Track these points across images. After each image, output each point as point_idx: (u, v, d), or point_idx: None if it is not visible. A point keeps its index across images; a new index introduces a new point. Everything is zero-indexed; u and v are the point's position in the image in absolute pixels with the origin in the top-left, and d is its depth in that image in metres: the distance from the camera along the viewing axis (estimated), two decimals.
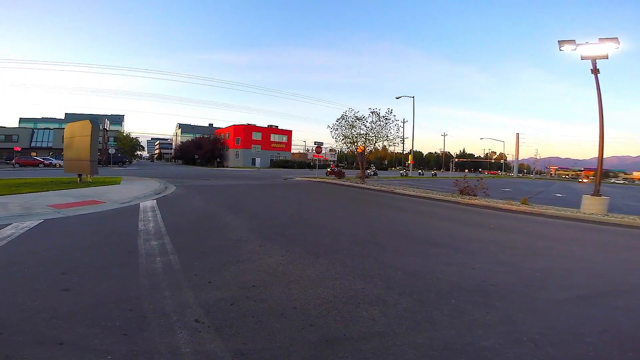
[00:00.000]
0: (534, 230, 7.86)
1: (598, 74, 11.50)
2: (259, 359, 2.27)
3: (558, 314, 3.15)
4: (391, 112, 22.58)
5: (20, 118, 76.72)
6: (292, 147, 77.53)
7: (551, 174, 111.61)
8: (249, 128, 64.57)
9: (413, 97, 43.04)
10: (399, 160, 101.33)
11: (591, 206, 10.79)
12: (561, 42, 11.86)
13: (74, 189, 12.06)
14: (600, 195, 10.99)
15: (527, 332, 2.73)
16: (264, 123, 74.00)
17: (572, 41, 11.69)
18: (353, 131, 23.03)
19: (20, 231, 5.70)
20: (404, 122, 41.59)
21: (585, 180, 52.68)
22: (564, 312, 3.18)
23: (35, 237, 5.41)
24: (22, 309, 2.83)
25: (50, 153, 52.32)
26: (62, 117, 76.72)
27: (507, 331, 2.76)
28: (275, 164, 64.02)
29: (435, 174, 49.25)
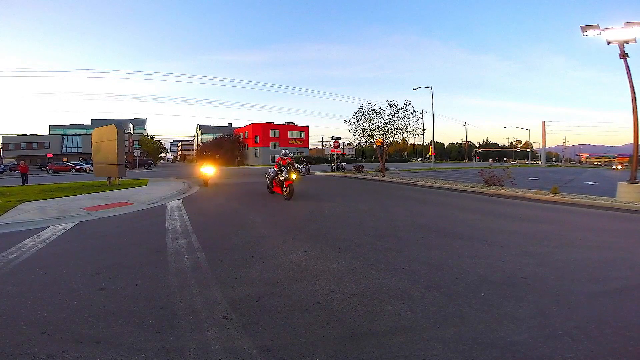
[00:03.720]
0: (566, 220, 7.52)
1: (627, 59, 11.01)
2: (285, 354, 2.30)
3: (594, 307, 3.00)
4: (409, 104, 22.28)
5: (50, 125, 79.85)
6: (310, 142, 77.65)
7: (582, 161, 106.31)
8: (267, 126, 65.17)
9: (431, 87, 42.97)
10: (419, 152, 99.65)
11: (627, 194, 10.20)
12: (584, 27, 11.31)
13: (104, 191, 12.62)
14: (637, 182, 10.37)
15: (562, 326, 2.62)
16: (281, 120, 74.52)
17: (595, 26, 11.16)
18: (371, 124, 22.88)
19: (57, 233, 6.04)
20: (422, 113, 40.94)
21: (619, 167, 49.65)
22: (600, 305, 3.03)
23: (71, 239, 5.71)
24: (62, 308, 3.00)
25: (81, 158, 54.88)
26: (89, 122, 79.53)
27: (540, 325, 2.66)
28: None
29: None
